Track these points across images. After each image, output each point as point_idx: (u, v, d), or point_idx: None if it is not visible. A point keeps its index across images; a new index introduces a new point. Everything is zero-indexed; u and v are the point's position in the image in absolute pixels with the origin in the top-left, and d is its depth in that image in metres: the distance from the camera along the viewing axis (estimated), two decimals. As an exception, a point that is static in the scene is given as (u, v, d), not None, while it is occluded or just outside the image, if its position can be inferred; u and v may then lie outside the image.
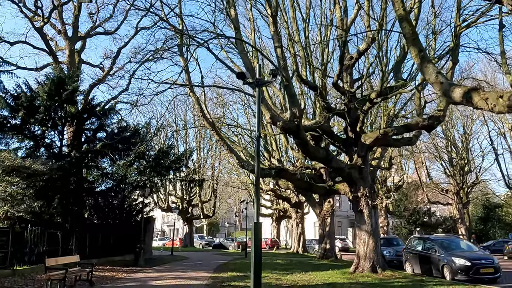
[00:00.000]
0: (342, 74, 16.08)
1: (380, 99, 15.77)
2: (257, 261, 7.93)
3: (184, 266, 19.59)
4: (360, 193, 15.50)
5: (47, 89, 17.85)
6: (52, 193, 17.81)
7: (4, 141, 18.97)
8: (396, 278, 14.28)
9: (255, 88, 9.20)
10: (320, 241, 25.22)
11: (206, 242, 48.99)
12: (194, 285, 12.02)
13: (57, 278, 9.67)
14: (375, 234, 15.43)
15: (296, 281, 13.33)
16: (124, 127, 21.90)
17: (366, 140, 15.82)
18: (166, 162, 23.54)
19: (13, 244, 14.06)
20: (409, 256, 17.22)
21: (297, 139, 14.05)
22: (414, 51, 10.06)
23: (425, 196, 48.03)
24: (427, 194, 43.69)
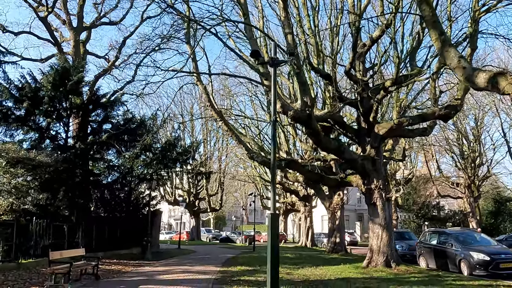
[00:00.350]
0: (355, 62, 15.48)
1: (394, 88, 15.19)
2: (275, 254, 7.48)
3: (191, 259, 19.25)
4: (373, 185, 14.98)
5: (52, 79, 17.46)
6: (58, 186, 17.50)
7: (9, 132, 18.64)
8: (411, 273, 13.79)
9: (271, 68, 8.62)
10: (330, 234, 24.75)
11: (213, 236, 48.78)
12: (203, 280, 11.62)
13: (61, 272, 9.31)
14: (388, 227, 14.93)
15: (307, 275, 12.89)
16: (130, 118, 21.48)
17: (380, 130, 15.27)
18: (172, 154, 23.16)
19: (17, 237, 13.78)
20: (424, 250, 16.70)
21: (308, 129, 13.53)
22: (435, 34, 9.49)
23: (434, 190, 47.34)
24: (437, 188, 42.98)
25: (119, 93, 22.63)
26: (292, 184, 34.85)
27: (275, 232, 7.68)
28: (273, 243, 7.56)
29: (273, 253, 7.44)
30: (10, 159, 15.53)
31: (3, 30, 22.08)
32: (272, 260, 7.36)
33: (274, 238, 7.58)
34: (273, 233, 7.60)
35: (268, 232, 7.67)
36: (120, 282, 11.03)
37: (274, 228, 7.69)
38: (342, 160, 15.75)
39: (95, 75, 22.32)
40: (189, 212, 44.90)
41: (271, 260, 7.34)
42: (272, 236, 7.51)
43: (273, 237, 7.52)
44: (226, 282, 11.09)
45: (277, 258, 7.71)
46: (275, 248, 7.60)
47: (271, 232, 7.52)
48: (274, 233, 7.63)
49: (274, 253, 7.49)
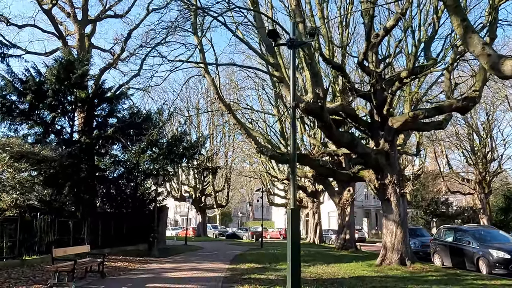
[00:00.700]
0: (368, 53, 14.91)
1: (409, 79, 14.61)
2: (296, 252, 6.88)
3: (199, 256, 18.87)
4: (387, 180, 14.45)
5: (56, 72, 17.10)
6: (63, 181, 17.18)
7: (13, 127, 18.36)
8: (428, 271, 13.26)
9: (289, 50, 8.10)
10: (339, 231, 24.25)
11: (219, 232, 48.49)
12: (212, 278, 11.20)
13: (65, 270, 8.92)
14: (403, 224, 14.39)
15: (320, 273, 12.44)
16: (136, 113, 21.09)
17: (394, 123, 14.71)
18: (179, 149, 22.75)
19: (21, 233, 13.44)
20: (438, 247, 16.19)
21: (320, 122, 13.01)
22: (457, 20, 8.93)
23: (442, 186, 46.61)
24: (447, 184, 42.26)
25: (125, 87, 22.26)
26: (299, 179, 34.39)
27: (296, 229, 7.09)
28: (294, 240, 6.96)
29: (294, 252, 6.83)
30: (14, 153, 15.17)
31: (7, 23, 21.75)
32: (293, 259, 6.75)
33: (295, 235, 7.00)
34: (294, 230, 7.01)
35: (288, 228, 7.06)
36: (126, 280, 10.63)
37: (295, 224, 7.10)
38: (355, 154, 15.23)
39: (100, 69, 21.95)
40: (195, 208, 44.63)
41: (292, 259, 6.72)
42: (293, 233, 6.90)
43: (294, 234, 6.92)
44: (236, 280, 10.65)
45: (299, 257, 7.13)
46: (296, 246, 7.01)
47: (292, 228, 6.90)
48: (295, 230, 7.03)
49: (295, 251, 6.88)
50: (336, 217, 49.46)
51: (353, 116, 15.33)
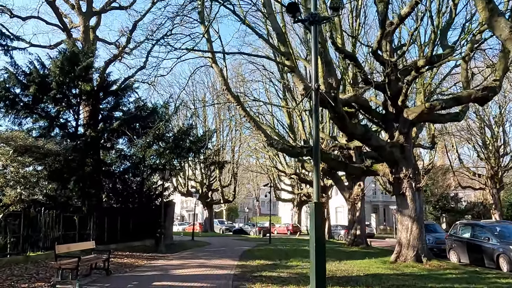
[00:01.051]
0: (381, 41, 14.28)
1: (426, 69, 13.99)
2: (320, 250, 6.20)
3: (207, 252, 18.47)
4: (402, 174, 13.89)
5: (60, 64, 16.68)
6: (68, 175, 16.82)
7: (17, 121, 18.02)
8: (446, 268, 12.72)
9: (310, 27, 7.55)
10: (350, 227, 23.72)
11: (226, 227, 48.18)
12: (221, 275, 10.76)
13: (68, 267, 8.51)
14: (419, 219, 13.84)
15: (333, 271, 11.93)
16: (142, 106, 20.65)
17: (409, 115, 14.12)
18: (185, 143, 22.33)
19: (26, 229, 13.12)
20: (455, 244, 15.62)
21: (333, 113, 12.46)
22: (481, 3, 8.34)
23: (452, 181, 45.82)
24: (458, 179, 41.48)
25: (131, 80, 21.83)
26: (307, 174, 33.89)
27: (319, 224, 6.40)
28: (318, 235, 6.27)
29: (319, 248, 6.17)
30: (17, 147, 14.83)
31: (11, 15, 21.37)
32: (318, 256, 6.12)
33: (319, 230, 6.33)
34: (318, 225, 6.33)
35: (311, 223, 6.42)
36: (133, 278, 10.22)
37: (319, 218, 6.40)
38: (368, 147, 14.67)
39: (105, 61, 21.52)
40: (202, 204, 44.31)
41: (316, 256, 6.09)
42: (316, 228, 6.23)
43: (317, 229, 6.25)
44: (247, 278, 10.20)
45: (323, 254, 6.40)
46: (320, 242, 6.32)
47: (316, 223, 6.24)
48: (318, 225, 6.35)
49: (320, 248, 6.23)
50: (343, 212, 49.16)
51: (366, 107, 14.75)
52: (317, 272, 5.76)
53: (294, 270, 11.99)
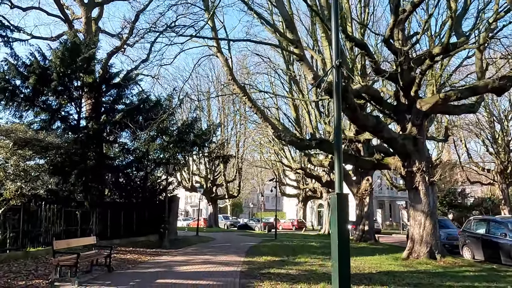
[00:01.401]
0: (394, 29, 13.68)
1: (441, 57, 13.38)
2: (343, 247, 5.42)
3: (212, 248, 18.04)
4: (415, 167, 13.34)
5: (60, 54, 16.20)
6: (69, 169, 16.40)
7: (18, 114, 17.59)
8: (461, 266, 12.21)
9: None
10: (358, 222, 23.22)
11: (231, 223, 47.83)
12: (228, 272, 10.31)
13: (67, 264, 8.07)
14: (432, 214, 13.31)
15: (344, 268, 11.43)
16: (145, 99, 20.18)
17: (423, 106, 13.54)
18: (190, 137, 21.89)
19: (25, 224, 12.73)
20: (469, 240, 15.07)
21: (344, 104, 11.89)
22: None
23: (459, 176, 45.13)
24: (466, 174, 40.79)
25: (134, 72, 21.37)
26: (313, 169, 33.36)
27: (343, 218, 5.53)
28: (341, 231, 5.43)
29: (343, 247, 5.38)
30: (17, 140, 14.41)
31: (11, 5, 20.92)
32: (341, 255, 5.30)
33: (343, 226, 5.48)
34: (342, 219, 5.47)
35: (334, 217, 5.60)
36: (135, 275, 9.79)
37: (343, 212, 5.53)
38: (380, 139, 14.14)
39: (108, 53, 21.02)
40: (207, 199, 43.94)
41: (340, 256, 5.28)
42: (339, 224, 5.39)
43: (341, 225, 5.41)
44: (254, 275, 9.73)
45: (348, 254, 5.54)
46: (344, 239, 5.49)
47: (339, 217, 5.40)
48: (342, 220, 5.50)
49: (344, 247, 5.42)
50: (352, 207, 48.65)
51: (378, 98, 14.18)
52: (341, 273, 5.02)
53: (303, 267, 11.52)
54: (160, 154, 21.93)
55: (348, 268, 5.28)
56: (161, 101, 20.36)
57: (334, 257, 5.35)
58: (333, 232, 5.56)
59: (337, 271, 4.99)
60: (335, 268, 5.08)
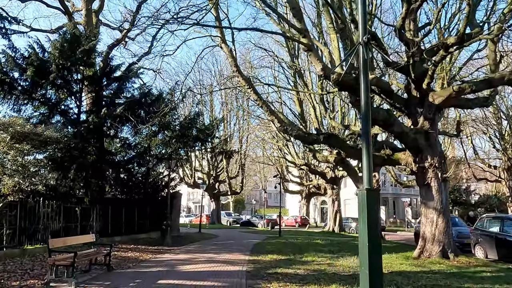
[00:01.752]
0: (406, 19, 13.12)
1: (455, 48, 12.80)
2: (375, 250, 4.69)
3: (215, 246, 17.59)
4: (427, 163, 12.82)
5: (59, 46, 15.69)
6: (69, 164, 15.93)
7: (17, 107, 17.11)
8: (476, 265, 11.70)
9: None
10: (364, 219, 22.67)
11: (234, 219, 47.37)
12: (233, 272, 9.84)
13: (64, 263, 7.60)
14: (445, 212, 12.80)
15: (353, 267, 10.94)
16: (147, 92, 19.69)
17: (435, 99, 12.99)
18: (192, 132, 21.41)
19: (22, 220, 12.28)
20: (482, 238, 14.54)
21: (354, 96, 11.39)
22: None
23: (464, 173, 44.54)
24: (473, 171, 40.19)
25: (135, 66, 20.88)
26: (318, 165, 32.86)
27: (374, 217, 4.84)
28: (371, 230, 4.72)
29: (374, 249, 4.64)
30: (15, 134, 13.95)
31: (10, -4, 20.42)
32: (373, 264, 4.50)
33: (374, 225, 4.75)
34: (372, 218, 4.76)
35: (363, 219, 4.83)
36: (136, 274, 9.33)
37: (373, 210, 4.82)
38: (391, 133, 13.61)
39: (109, 45, 20.53)
40: (209, 195, 43.51)
41: (371, 264, 4.48)
42: (369, 223, 4.68)
43: (371, 224, 4.70)
44: (261, 276, 9.26)
45: (379, 257, 4.76)
46: (375, 240, 4.79)
47: (369, 216, 4.68)
48: (373, 218, 4.79)
49: (375, 249, 4.67)
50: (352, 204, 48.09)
51: (388, 91, 13.62)
52: (372, 283, 4.21)
53: (311, 266, 11.04)
54: (162, 149, 21.46)
55: (381, 277, 4.64)
56: (163, 95, 19.86)
57: (363, 263, 4.71)
58: (362, 234, 4.93)
59: (367, 280, 4.29)
60: (365, 276, 4.38)
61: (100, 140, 18.03)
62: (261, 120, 34.74)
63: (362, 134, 5.35)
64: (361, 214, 4.71)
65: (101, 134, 17.93)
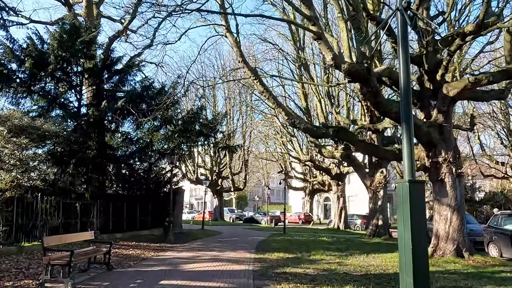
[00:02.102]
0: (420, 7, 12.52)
1: (471, 37, 12.21)
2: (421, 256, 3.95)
3: (219, 243, 17.12)
4: (441, 158, 12.24)
5: (58, 36, 15.18)
6: (68, 159, 15.46)
7: (15, 100, 16.66)
8: (493, 265, 11.15)
9: None
10: (371, 216, 22.19)
11: (237, 216, 46.93)
12: (239, 272, 9.34)
13: (59, 263, 7.12)
14: (460, 209, 12.24)
15: (364, 266, 10.46)
16: (149, 85, 19.18)
17: (450, 91, 12.40)
18: (195, 126, 20.92)
19: (20, 216, 11.84)
20: (496, 236, 14.00)
21: (366, 87, 10.83)
22: None
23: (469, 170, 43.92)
24: (480, 168, 39.57)
25: (137, 59, 20.37)
26: (322, 161, 32.33)
27: (419, 216, 4.09)
28: (417, 229, 3.99)
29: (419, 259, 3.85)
30: (12, 127, 13.48)
31: (8, -13, 19.89)
32: (418, 271, 3.75)
33: (419, 226, 4.02)
34: (416, 218, 4.03)
35: (405, 216, 4.12)
36: (137, 274, 8.84)
37: (417, 204, 4.13)
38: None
39: (109, 37, 19.96)
40: (212, 192, 43.05)
41: (416, 273, 3.74)
42: (413, 224, 3.94)
43: (415, 226, 3.96)
44: (269, 275, 8.75)
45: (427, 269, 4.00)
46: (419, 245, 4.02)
47: (413, 215, 3.96)
48: (417, 218, 4.05)
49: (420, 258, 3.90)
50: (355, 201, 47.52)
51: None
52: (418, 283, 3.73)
53: (321, 265, 10.53)
54: (164, 144, 20.99)
55: (428, 277, 3.93)
56: (165, 88, 19.34)
57: (405, 270, 3.94)
58: (404, 235, 4.19)
59: (412, 281, 3.71)
60: (408, 286, 3.79)
61: (101, 134, 17.55)
62: (265, 116, 34.22)
63: (403, 116, 4.83)
64: (402, 211, 4.07)
65: (102, 128, 17.44)
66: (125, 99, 16.68)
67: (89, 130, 16.34)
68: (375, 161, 21.19)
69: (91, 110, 16.50)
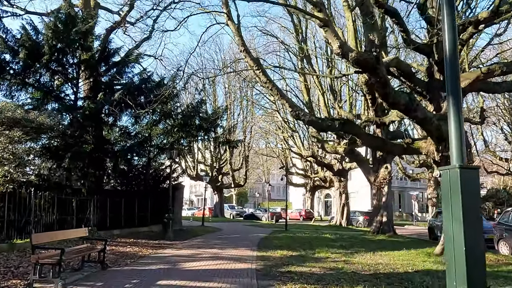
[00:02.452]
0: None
1: (484, 26, 11.68)
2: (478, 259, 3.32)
3: (219, 240, 16.65)
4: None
5: (52, 25, 14.62)
6: (63, 153, 14.94)
7: (9, 93, 16.10)
8: (507, 263, 10.72)
9: None
10: (375, 213, 21.72)
11: (237, 212, 46.50)
12: (241, 271, 8.85)
13: (49, 262, 6.63)
14: (471, 205, 11.73)
15: (372, 265, 9.97)
16: (147, 78, 18.64)
17: (461, 82, 11.85)
18: (195, 121, 20.41)
19: (11, 212, 11.34)
20: (506, 233, 13.51)
21: (374, 77, 10.30)
22: None
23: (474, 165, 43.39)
24: (483, 164, 39.11)
25: (135, 52, 19.83)
26: (325, 157, 31.85)
27: (473, 210, 3.45)
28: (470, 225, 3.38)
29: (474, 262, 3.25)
30: (5, 119, 12.96)
31: (2, -24, 19.26)
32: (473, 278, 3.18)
33: (474, 221, 3.39)
34: (470, 211, 3.39)
35: (454, 208, 3.44)
36: (134, 273, 8.36)
37: (472, 198, 3.50)
38: (413, 119, 12.52)
39: (107, 28, 19.45)
40: (212, 188, 42.59)
41: (470, 280, 3.16)
42: (466, 218, 3.28)
43: (469, 221, 3.32)
44: (273, 275, 8.26)
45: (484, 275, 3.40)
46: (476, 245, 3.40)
47: (465, 208, 3.28)
48: (471, 211, 3.42)
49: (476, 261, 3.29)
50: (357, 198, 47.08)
51: (409, 74, 12.52)
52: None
53: (326, 264, 10.05)
54: (163, 139, 20.52)
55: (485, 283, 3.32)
56: (164, 81, 18.82)
57: (457, 278, 3.30)
58: (454, 236, 3.45)
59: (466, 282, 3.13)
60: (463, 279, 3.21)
61: (98, 128, 17.04)
62: (266, 111, 33.70)
63: (451, 95, 4.19)
64: (450, 205, 3.34)
65: (99, 122, 16.93)
66: (123, 91, 16.13)
67: (86, 124, 15.83)
68: (379, 156, 20.70)
69: (86, 103, 15.97)
